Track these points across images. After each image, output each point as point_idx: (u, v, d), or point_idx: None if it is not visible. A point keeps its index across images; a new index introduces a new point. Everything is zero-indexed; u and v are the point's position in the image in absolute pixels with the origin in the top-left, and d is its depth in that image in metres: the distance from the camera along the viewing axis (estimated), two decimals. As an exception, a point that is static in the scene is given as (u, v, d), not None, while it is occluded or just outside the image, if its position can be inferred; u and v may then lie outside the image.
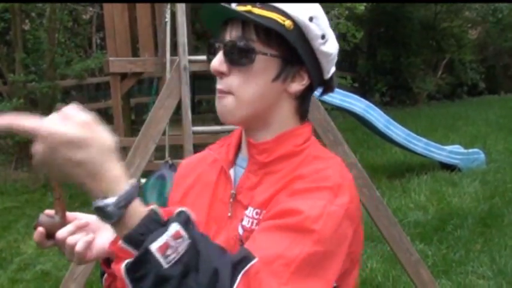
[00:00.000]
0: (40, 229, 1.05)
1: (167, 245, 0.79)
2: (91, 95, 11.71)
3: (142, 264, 0.79)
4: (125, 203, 0.80)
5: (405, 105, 14.59)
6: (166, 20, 5.70)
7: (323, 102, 3.72)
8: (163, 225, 0.81)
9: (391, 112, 8.84)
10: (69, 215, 1.11)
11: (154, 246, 0.78)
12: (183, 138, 3.29)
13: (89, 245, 1.06)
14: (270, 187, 1.04)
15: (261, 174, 1.07)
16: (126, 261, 0.80)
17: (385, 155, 8.46)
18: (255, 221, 1.03)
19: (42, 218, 1.06)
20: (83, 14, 12.11)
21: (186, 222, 0.83)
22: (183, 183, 1.21)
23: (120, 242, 0.81)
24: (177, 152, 6.11)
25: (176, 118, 4.30)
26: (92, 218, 1.10)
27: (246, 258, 0.86)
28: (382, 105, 12.47)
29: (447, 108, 13.75)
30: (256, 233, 0.97)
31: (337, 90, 7.90)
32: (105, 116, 11.57)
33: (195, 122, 3.33)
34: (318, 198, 0.96)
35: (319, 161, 1.06)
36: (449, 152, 7.33)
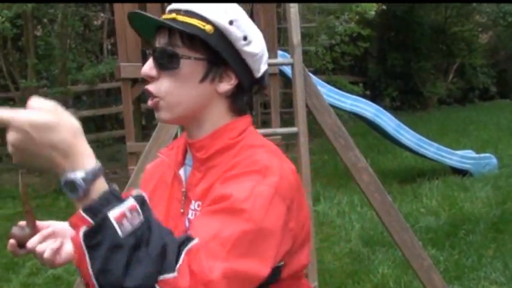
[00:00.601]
0: (12, 240, 1.15)
1: (123, 215, 0.86)
2: (102, 100, 11.76)
3: (99, 230, 0.84)
4: (92, 177, 0.87)
5: (416, 109, 14.53)
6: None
7: (334, 107, 3.72)
8: (122, 200, 0.88)
9: (401, 117, 8.81)
10: (42, 224, 1.22)
11: (112, 214, 0.85)
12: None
13: (56, 251, 1.18)
14: (210, 180, 1.11)
15: (203, 170, 1.14)
16: (84, 228, 0.85)
17: (396, 160, 8.42)
18: (197, 213, 1.11)
19: (15, 230, 1.16)
20: (94, 20, 12.18)
21: (142, 202, 0.90)
22: (147, 188, 1.28)
23: (80, 211, 0.86)
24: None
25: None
26: (59, 226, 1.23)
27: (187, 239, 0.93)
28: (393, 109, 12.43)
29: (458, 112, 13.68)
30: (194, 220, 1.09)
31: (347, 94, 7.92)
32: (116, 121, 11.63)
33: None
34: (246, 181, 1.02)
35: (252, 149, 1.11)
36: (461, 157, 7.29)
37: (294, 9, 2.98)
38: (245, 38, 1.12)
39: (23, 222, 1.17)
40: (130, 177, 3.48)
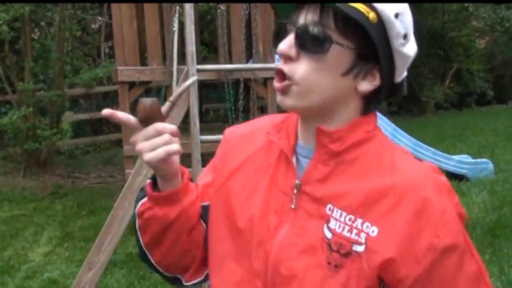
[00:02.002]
0: (139, 108, 1.00)
1: None
2: (99, 104, 11.75)
3: None
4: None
5: (413, 114, 14.56)
6: (175, 29, 5.73)
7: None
8: None
9: (398, 121, 8.81)
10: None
11: None
12: (190, 147, 3.30)
13: (174, 154, 1.02)
14: (354, 183, 0.98)
15: (332, 164, 1.00)
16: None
17: (393, 165, 8.42)
18: (347, 227, 0.96)
19: (152, 100, 1.00)
20: (92, 24, 12.19)
21: None
22: (231, 157, 1.14)
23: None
24: (184, 160, 6.13)
25: (183, 127, 4.32)
26: None
27: None
28: (390, 114, 12.44)
29: (455, 117, 13.71)
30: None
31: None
32: (113, 124, 11.62)
33: (202, 131, 3.34)
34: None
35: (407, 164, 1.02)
36: (457, 162, 7.31)
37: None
38: (405, 37, 0.97)
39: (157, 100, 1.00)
40: (127, 180, 3.48)
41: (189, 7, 3.33)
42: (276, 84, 0.99)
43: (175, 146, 1.01)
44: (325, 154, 1.00)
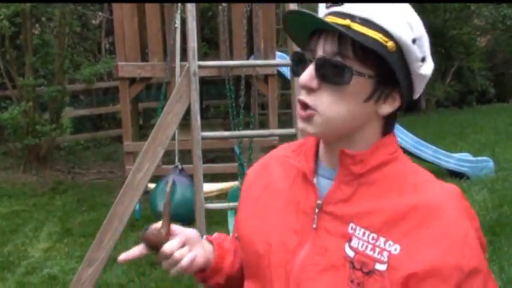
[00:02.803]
0: (145, 243, 1.12)
1: None
2: (99, 100, 11.75)
3: None
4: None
5: (413, 112, 14.55)
6: (176, 25, 5.72)
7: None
8: None
9: (399, 119, 8.67)
10: (173, 228, 1.14)
11: None
12: (191, 143, 3.29)
13: (192, 261, 1.10)
14: (376, 202, 1.00)
15: (355, 185, 1.02)
16: None
17: (393, 162, 8.41)
18: (370, 245, 0.97)
19: (151, 231, 1.12)
20: (93, 19, 12.17)
21: None
22: (251, 190, 1.20)
23: None
24: (185, 157, 6.12)
25: (184, 123, 4.31)
26: (188, 232, 1.15)
27: None
28: (390, 112, 12.45)
29: (456, 115, 13.69)
30: None
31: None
32: (114, 120, 11.61)
33: (202, 127, 3.33)
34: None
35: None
36: (458, 160, 7.30)
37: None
38: (423, 59, 1.00)
39: (157, 225, 1.12)
40: (127, 177, 3.48)
41: (190, 4, 3.33)
42: (301, 112, 1.00)
43: (185, 260, 1.09)
44: (348, 175, 1.02)
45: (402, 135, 7.15)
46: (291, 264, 1.02)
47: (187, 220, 3.57)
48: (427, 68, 1.02)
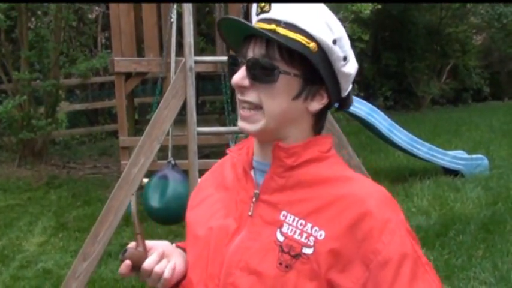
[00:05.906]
0: (127, 262, 1.14)
1: None
2: (95, 94, 11.72)
3: None
4: None
5: (409, 109, 14.57)
6: (172, 20, 5.71)
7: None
8: None
9: (394, 116, 8.82)
10: (147, 244, 1.20)
11: None
12: (187, 138, 3.29)
13: (174, 271, 1.16)
14: (307, 192, 1.08)
15: (286, 176, 1.10)
16: None
17: (388, 159, 8.45)
18: (298, 231, 1.06)
19: (130, 251, 1.15)
20: (89, 14, 12.13)
21: None
22: (199, 196, 1.27)
23: None
24: (180, 152, 6.12)
25: (180, 119, 4.31)
26: (163, 245, 1.21)
27: None
28: (386, 109, 12.46)
29: (451, 113, 13.73)
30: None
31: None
32: (109, 115, 11.60)
33: (198, 123, 3.34)
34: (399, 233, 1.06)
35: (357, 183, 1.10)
36: (453, 157, 7.32)
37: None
38: (345, 59, 1.09)
39: (133, 244, 1.17)
40: (122, 171, 3.48)
41: None
42: (243, 112, 1.09)
43: (167, 272, 1.15)
44: (281, 167, 1.10)
45: (397, 132, 7.17)
46: (227, 247, 1.10)
47: (180, 215, 3.57)
48: (350, 67, 1.11)
